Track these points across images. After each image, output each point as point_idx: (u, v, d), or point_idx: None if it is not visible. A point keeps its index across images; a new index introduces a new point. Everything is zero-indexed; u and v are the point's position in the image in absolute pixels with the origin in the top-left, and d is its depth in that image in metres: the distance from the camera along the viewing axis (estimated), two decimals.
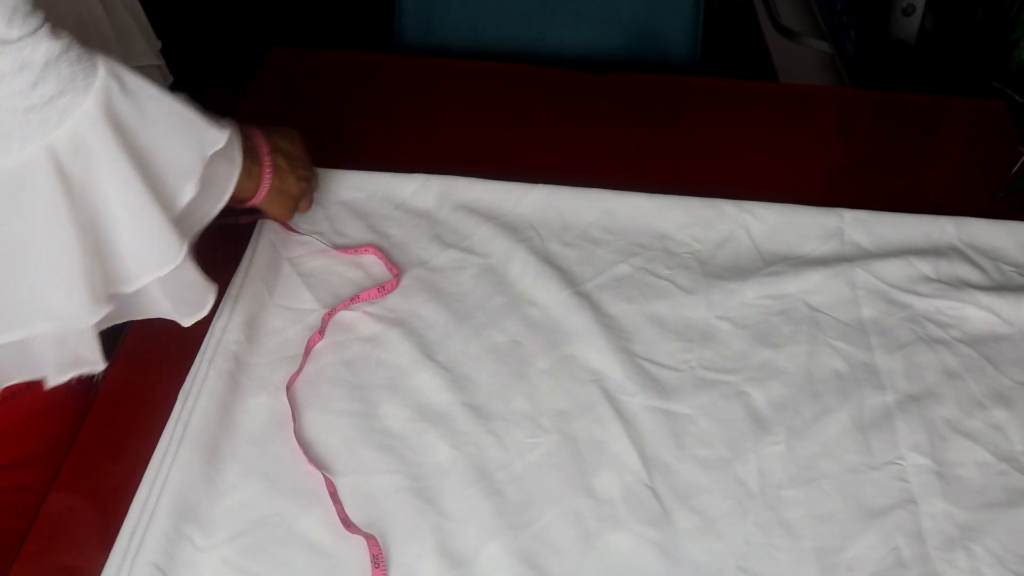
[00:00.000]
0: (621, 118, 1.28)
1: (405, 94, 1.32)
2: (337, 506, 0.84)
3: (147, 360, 0.97)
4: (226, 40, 2.56)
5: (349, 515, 0.84)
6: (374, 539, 0.82)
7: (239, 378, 0.94)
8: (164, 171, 0.78)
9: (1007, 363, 0.99)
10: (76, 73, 0.70)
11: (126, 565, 0.79)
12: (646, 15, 1.58)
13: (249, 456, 0.88)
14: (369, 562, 0.80)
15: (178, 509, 0.82)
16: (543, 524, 0.85)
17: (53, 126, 0.69)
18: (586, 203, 1.12)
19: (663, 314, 1.02)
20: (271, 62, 1.36)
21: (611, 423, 0.92)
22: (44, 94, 0.68)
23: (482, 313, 1.02)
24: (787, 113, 1.31)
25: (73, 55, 0.70)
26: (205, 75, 1.14)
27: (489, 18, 1.59)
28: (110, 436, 0.90)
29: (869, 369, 0.98)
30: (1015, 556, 0.84)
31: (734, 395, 0.95)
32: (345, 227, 1.09)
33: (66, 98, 0.69)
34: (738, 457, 0.90)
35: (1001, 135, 1.28)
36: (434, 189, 1.13)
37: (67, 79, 0.69)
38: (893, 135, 1.28)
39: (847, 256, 1.08)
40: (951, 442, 0.92)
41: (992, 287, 1.05)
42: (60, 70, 0.69)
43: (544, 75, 1.35)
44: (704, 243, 1.10)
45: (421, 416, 0.92)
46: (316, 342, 0.97)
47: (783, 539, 0.85)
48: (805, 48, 2.12)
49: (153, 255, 0.79)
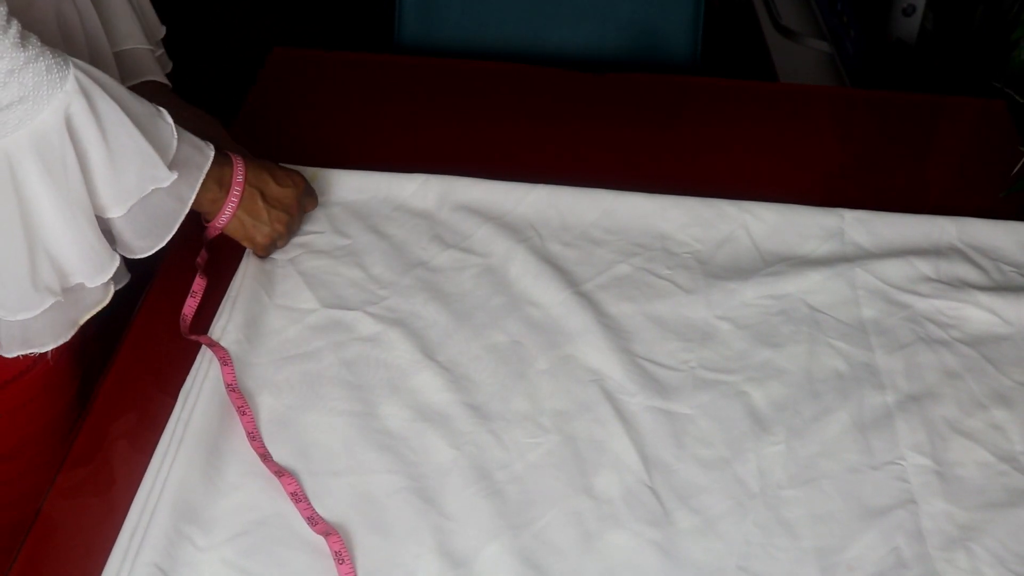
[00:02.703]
0: (621, 118, 1.28)
1: (405, 94, 1.32)
2: (300, 505, 0.84)
3: (147, 360, 0.97)
4: (226, 40, 2.56)
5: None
6: (336, 536, 0.81)
7: (239, 378, 0.93)
8: (104, 189, 0.82)
9: (1007, 363, 0.99)
10: (41, 84, 0.74)
11: (126, 565, 0.79)
12: (646, 15, 1.58)
13: (249, 456, 0.88)
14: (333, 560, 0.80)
15: (178, 509, 0.82)
16: (543, 524, 0.85)
17: (10, 130, 0.74)
18: (586, 203, 1.12)
19: (663, 314, 1.02)
20: (271, 62, 1.36)
21: (611, 423, 0.92)
22: (2, 99, 0.72)
23: (482, 313, 1.02)
24: (787, 113, 1.31)
25: (42, 65, 0.74)
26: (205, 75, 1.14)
27: (489, 18, 1.59)
28: (110, 436, 0.90)
29: (869, 369, 0.98)
30: (1015, 556, 0.84)
31: (734, 395, 0.95)
32: (345, 227, 1.09)
33: (25, 106, 0.74)
34: (738, 457, 0.90)
35: (1001, 135, 1.28)
36: (434, 189, 1.13)
37: (30, 88, 0.73)
38: (893, 135, 1.28)
39: (847, 256, 1.08)
40: (951, 442, 0.92)
41: (992, 287, 1.05)
42: (23, 79, 0.73)
43: (544, 75, 1.35)
44: (704, 243, 1.10)
45: (421, 416, 0.92)
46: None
47: (783, 539, 0.85)
48: (805, 48, 2.12)
49: (86, 266, 0.84)
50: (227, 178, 0.95)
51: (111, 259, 0.85)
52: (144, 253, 0.88)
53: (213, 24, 2.64)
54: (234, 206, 0.96)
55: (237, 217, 0.97)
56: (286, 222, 1.02)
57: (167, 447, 0.86)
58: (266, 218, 0.99)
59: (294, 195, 1.02)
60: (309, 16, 2.70)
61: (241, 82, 1.34)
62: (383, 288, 1.03)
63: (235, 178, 0.95)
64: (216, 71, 2.18)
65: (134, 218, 0.85)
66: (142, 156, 0.82)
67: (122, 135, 0.80)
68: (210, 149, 0.91)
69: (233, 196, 0.95)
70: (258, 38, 2.40)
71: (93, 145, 0.79)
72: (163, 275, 1.04)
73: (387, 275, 1.05)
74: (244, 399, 0.91)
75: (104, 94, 0.78)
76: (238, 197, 0.96)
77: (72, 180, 0.78)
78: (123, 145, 0.81)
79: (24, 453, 0.99)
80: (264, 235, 1.00)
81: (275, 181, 0.99)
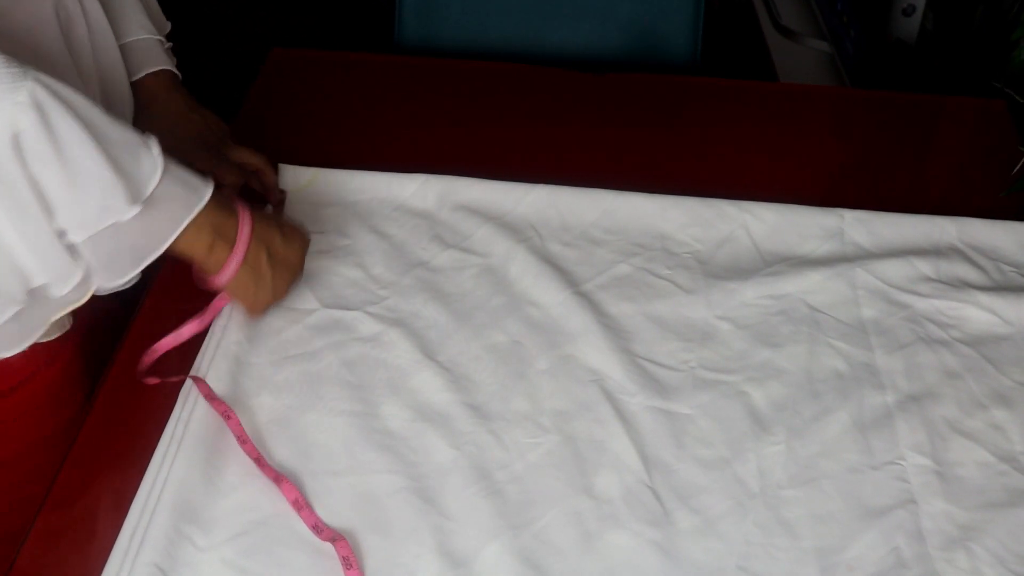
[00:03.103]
0: (621, 118, 1.28)
1: (405, 94, 1.32)
2: (303, 513, 0.83)
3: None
4: (226, 40, 2.56)
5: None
6: (343, 541, 0.81)
7: (239, 378, 0.94)
8: (63, 211, 0.75)
9: (1007, 363, 0.99)
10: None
11: (126, 565, 0.79)
12: (646, 15, 1.58)
13: (249, 456, 0.88)
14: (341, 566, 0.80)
15: (178, 509, 0.82)
16: (543, 524, 0.85)
17: None
18: (586, 203, 1.12)
19: (663, 314, 1.02)
20: (271, 62, 1.36)
21: (611, 423, 0.92)
22: None
23: (482, 313, 1.02)
24: (787, 113, 1.31)
25: None
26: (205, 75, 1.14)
27: (489, 18, 1.59)
28: (110, 436, 0.90)
29: (869, 369, 0.98)
30: (1015, 556, 0.84)
31: (734, 395, 0.95)
32: (345, 227, 1.09)
33: None
34: (738, 457, 0.90)
35: (1001, 135, 1.28)
36: (434, 189, 1.13)
37: None
38: (893, 135, 1.28)
39: (847, 256, 1.08)
40: (951, 442, 0.92)
41: (992, 287, 1.05)
42: None
43: (544, 75, 1.35)
44: (704, 243, 1.10)
45: (421, 416, 0.92)
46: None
47: (783, 539, 0.85)
48: (805, 48, 2.12)
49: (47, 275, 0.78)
50: (228, 229, 0.87)
51: (77, 268, 0.79)
52: (106, 286, 0.82)
53: (213, 24, 2.64)
54: (238, 262, 0.88)
55: (240, 275, 0.89)
56: (290, 283, 0.95)
57: (167, 447, 0.86)
58: (270, 278, 0.92)
59: (301, 254, 0.95)
60: (309, 16, 2.70)
61: (241, 82, 1.34)
62: (383, 288, 1.03)
63: (240, 232, 0.88)
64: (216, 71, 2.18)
65: (96, 247, 0.78)
66: (103, 184, 0.76)
67: (83, 158, 0.74)
68: (207, 189, 0.84)
69: (238, 251, 0.88)
70: (258, 38, 2.40)
71: (47, 164, 0.73)
72: (164, 275, 1.03)
73: (387, 275, 1.05)
74: (226, 404, 0.90)
75: (67, 113, 0.72)
76: (243, 252, 0.88)
77: (21, 196, 0.73)
78: (84, 169, 0.75)
79: (32, 459, 0.97)
80: (266, 296, 0.93)
81: (283, 237, 0.93)
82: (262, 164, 1.09)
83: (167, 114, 1.04)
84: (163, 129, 1.00)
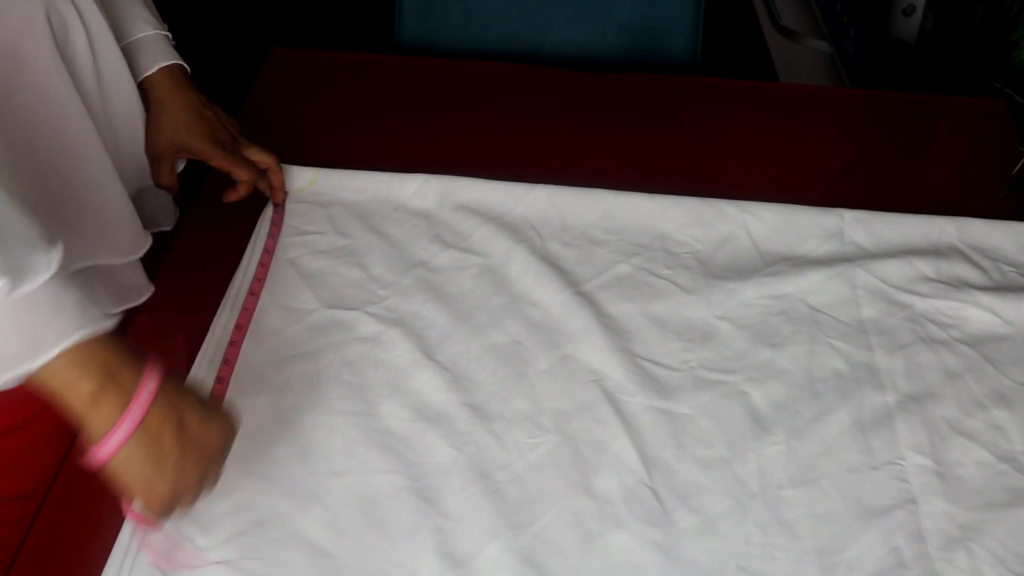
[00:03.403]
0: (621, 118, 1.28)
1: (405, 94, 1.32)
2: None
3: None
4: (227, 40, 2.56)
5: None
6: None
7: (239, 378, 0.94)
8: None
9: (1007, 363, 0.99)
10: None
11: (126, 565, 0.79)
12: (646, 15, 1.58)
13: (249, 456, 0.88)
14: None
15: None
16: (543, 524, 0.85)
17: None
18: (586, 203, 1.12)
19: (663, 314, 1.02)
20: (271, 62, 1.36)
21: (611, 423, 0.92)
22: None
23: (482, 313, 1.02)
24: (787, 113, 1.31)
25: None
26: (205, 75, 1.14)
27: (489, 18, 1.59)
28: None
29: (869, 369, 0.98)
30: (1015, 556, 0.84)
31: (734, 395, 0.95)
32: (345, 227, 1.09)
33: None
34: (738, 457, 0.90)
35: (1001, 135, 1.28)
36: (434, 189, 1.13)
37: None
38: (893, 135, 1.28)
39: (847, 256, 1.08)
40: (951, 442, 0.92)
41: (992, 287, 1.05)
42: None
43: (544, 75, 1.35)
44: (704, 243, 1.10)
45: (421, 416, 0.92)
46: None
47: (783, 539, 0.85)
48: (805, 48, 2.12)
49: None
50: (125, 378, 0.68)
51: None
52: None
53: (213, 24, 2.64)
54: (132, 425, 0.67)
55: (132, 448, 0.68)
56: (202, 474, 0.73)
57: None
58: (175, 461, 0.70)
59: (222, 440, 0.75)
60: (309, 16, 2.70)
61: (242, 82, 1.34)
62: (383, 288, 1.03)
63: (142, 386, 0.68)
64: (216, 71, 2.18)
65: None
66: None
67: None
68: (105, 322, 0.66)
69: (133, 411, 0.67)
70: (259, 38, 2.41)
71: None
72: (166, 273, 1.04)
73: (387, 275, 1.05)
74: None
75: None
76: (141, 414, 0.67)
77: None
78: None
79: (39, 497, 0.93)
80: (165, 486, 0.70)
81: (203, 413, 0.73)
82: (272, 163, 1.08)
83: (181, 111, 1.02)
84: (177, 126, 1.00)
